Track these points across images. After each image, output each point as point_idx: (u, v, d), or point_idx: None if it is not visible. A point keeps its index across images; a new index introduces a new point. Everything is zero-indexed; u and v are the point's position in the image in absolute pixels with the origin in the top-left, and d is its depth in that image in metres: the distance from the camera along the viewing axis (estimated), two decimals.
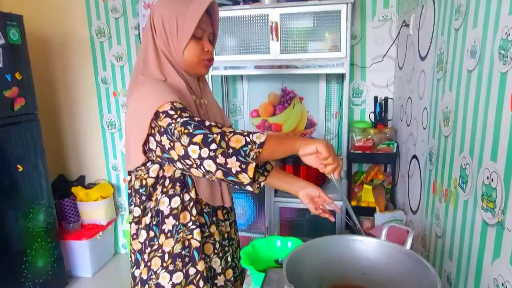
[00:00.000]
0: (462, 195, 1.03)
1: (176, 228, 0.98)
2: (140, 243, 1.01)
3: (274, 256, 1.29)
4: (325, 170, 0.90)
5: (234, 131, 0.83)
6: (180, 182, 0.97)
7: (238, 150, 0.80)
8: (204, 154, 0.80)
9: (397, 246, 0.92)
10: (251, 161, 0.81)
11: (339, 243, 0.98)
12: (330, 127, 2.41)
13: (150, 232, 0.99)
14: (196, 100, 1.03)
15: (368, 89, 2.29)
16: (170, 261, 0.98)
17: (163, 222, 0.98)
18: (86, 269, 2.66)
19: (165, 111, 0.87)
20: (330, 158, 0.86)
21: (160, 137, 0.87)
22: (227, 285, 1.10)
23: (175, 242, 0.98)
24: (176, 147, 0.83)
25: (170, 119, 0.85)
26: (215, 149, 0.80)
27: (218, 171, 0.81)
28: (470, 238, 0.97)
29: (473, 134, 0.96)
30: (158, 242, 0.99)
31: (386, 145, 1.98)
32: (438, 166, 1.26)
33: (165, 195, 0.98)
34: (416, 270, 0.84)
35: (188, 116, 0.85)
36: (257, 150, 0.81)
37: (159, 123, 0.86)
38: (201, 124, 0.83)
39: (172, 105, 0.87)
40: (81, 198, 2.66)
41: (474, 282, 0.94)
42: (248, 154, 0.81)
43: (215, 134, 0.81)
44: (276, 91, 2.42)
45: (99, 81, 2.74)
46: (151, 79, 0.97)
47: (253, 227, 2.25)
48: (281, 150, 0.88)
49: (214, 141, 0.80)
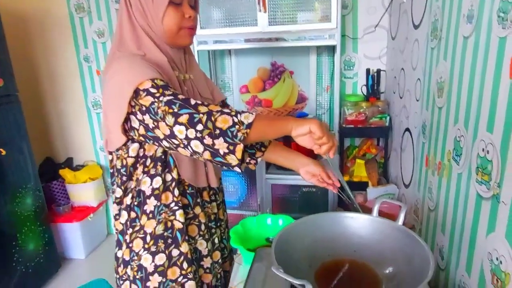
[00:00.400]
0: (455, 168, 1.00)
1: (157, 209, 0.95)
2: (122, 224, 0.99)
3: (265, 235, 1.27)
4: (320, 150, 0.86)
5: (222, 111, 0.79)
6: (161, 161, 0.93)
7: (225, 131, 0.77)
8: (190, 135, 0.77)
9: (389, 222, 0.89)
10: (238, 143, 0.77)
11: (330, 221, 0.95)
12: (321, 102, 2.36)
13: (131, 213, 0.96)
14: (180, 75, 0.97)
15: (360, 61, 2.22)
16: (152, 243, 0.95)
17: (145, 202, 0.95)
18: (79, 251, 2.65)
19: (146, 89, 0.82)
20: (324, 138, 0.83)
21: (143, 116, 0.82)
22: (214, 267, 1.08)
23: (157, 223, 0.95)
24: (161, 127, 0.80)
25: (152, 97, 0.81)
26: (201, 129, 0.77)
27: (205, 151, 0.78)
28: (463, 211, 0.95)
29: (468, 105, 0.92)
30: (139, 223, 0.96)
31: (378, 118, 1.94)
32: (431, 138, 1.23)
33: (147, 175, 0.94)
34: (409, 246, 0.82)
35: (171, 94, 0.81)
36: (245, 131, 0.78)
37: (140, 102, 0.82)
38: (186, 103, 0.79)
39: (153, 83, 0.82)
40: (69, 180, 2.62)
41: (467, 256, 0.92)
42: (236, 135, 0.77)
43: (202, 113, 0.78)
44: (265, 65, 2.34)
45: (81, 59, 2.64)
46: (128, 54, 0.90)
47: (245, 205, 2.23)
48: (272, 131, 0.84)
49: (200, 122, 0.77)
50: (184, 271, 0.97)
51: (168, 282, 0.96)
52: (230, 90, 2.45)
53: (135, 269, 0.96)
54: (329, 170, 1.11)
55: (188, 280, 0.98)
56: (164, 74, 0.89)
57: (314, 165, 1.10)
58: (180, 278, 0.97)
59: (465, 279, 0.93)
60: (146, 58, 0.90)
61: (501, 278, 0.74)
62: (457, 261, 0.99)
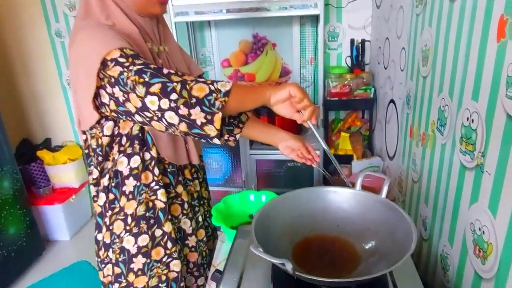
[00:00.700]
0: (439, 138, 0.98)
1: (137, 189, 0.91)
2: (100, 206, 0.95)
3: (249, 211, 1.25)
4: (302, 117, 0.82)
5: (196, 80, 0.74)
6: (138, 140, 0.88)
7: (201, 100, 0.72)
8: (164, 105, 0.72)
9: (372, 195, 0.87)
10: (217, 111, 0.73)
11: (313, 196, 0.93)
12: (305, 74, 2.30)
13: (110, 194, 0.92)
14: (154, 47, 0.90)
15: (345, 31, 2.16)
16: (133, 224, 0.92)
17: (123, 183, 0.91)
18: (63, 233, 2.61)
19: (114, 58, 0.76)
20: (305, 100, 0.79)
21: (112, 89, 0.77)
22: (199, 245, 1.06)
23: (137, 204, 0.91)
24: (131, 99, 0.74)
25: (121, 67, 0.75)
26: (176, 99, 0.71)
27: (181, 123, 0.74)
28: (447, 182, 0.93)
29: (454, 73, 0.88)
30: (119, 205, 0.92)
31: (363, 90, 1.91)
32: (415, 109, 1.20)
33: (123, 154, 0.89)
34: (392, 219, 0.80)
35: (142, 64, 0.75)
36: (223, 99, 0.73)
37: (108, 73, 0.76)
38: (158, 72, 0.74)
39: (122, 52, 0.76)
40: (48, 162, 2.53)
41: (450, 226, 0.91)
42: (213, 104, 0.72)
43: (175, 82, 0.73)
44: (247, 37, 2.26)
45: (53, 35, 2.49)
46: (95, 24, 0.83)
47: (230, 182, 2.20)
48: (250, 100, 0.80)
49: (174, 90, 0.72)
50: (169, 251, 0.95)
51: (152, 262, 0.94)
52: (211, 64, 2.37)
53: (117, 252, 0.93)
54: (309, 145, 1.08)
55: (173, 259, 0.96)
56: (135, 45, 0.83)
57: (293, 140, 1.07)
58: (165, 258, 0.95)
59: (447, 249, 0.93)
60: (115, 29, 0.83)
61: (484, 248, 0.73)
62: (440, 231, 0.98)
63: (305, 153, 1.07)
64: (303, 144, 1.08)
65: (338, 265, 0.79)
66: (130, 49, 0.78)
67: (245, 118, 1.12)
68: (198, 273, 1.07)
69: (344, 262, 0.79)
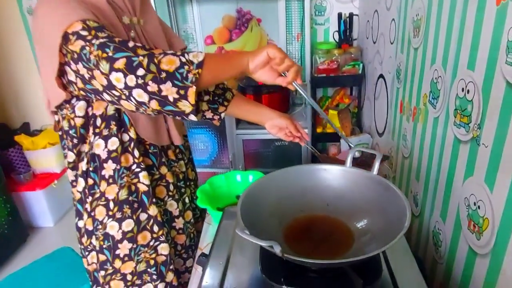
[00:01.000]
0: (432, 112, 0.94)
1: (118, 172, 0.86)
2: (79, 192, 0.90)
3: (235, 192, 1.21)
4: (286, 79, 0.77)
5: (165, 52, 0.68)
6: (115, 120, 0.82)
7: (172, 73, 0.66)
8: (130, 83, 0.65)
9: (362, 172, 0.83)
10: (190, 85, 0.67)
11: (301, 174, 0.88)
12: (292, 51, 2.23)
13: (89, 179, 0.87)
14: (125, 19, 0.83)
15: (332, 5, 2.08)
16: (116, 209, 0.88)
17: (102, 167, 0.85)
18: (47, 219, 2.54)
19: (76, 31, 0.69)
20: (286, 59, 0.74)
21: (76, 66, 0.70)
22: (187, 227, 1.03)
23: (119, 188, 0.86)
24: (96, 76, 0.68)
25: (83, 41, 0.68)
26: (143, 74, 0.65)
27: (152, 100, 0.67)
28: (439, 157, 0.90)
29: (448, 41, 0.84)
30: (99, 190, 0.87)
31: (351, 66, 1.86)
32: (406, 83, 1.16)
33: (99, 136, 0.83)
34: (383, 196, 0.76)
35: (106, 37, 0.68)
36: (196, 71, 0.67)
37: (70, 48, 0.69)
38: (123, 46, 0.67)
39: (84, 24, 0.69)
40: (27, 146, 2.43)
41: (443, 201, 0.89)
42: (186, 77, 0.66)
43: (141, 56, 0.66)
44: (231, 13, 2.17)
45: (25, 12, 2.35)
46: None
47: (217, 162, 2.16)
48: (227, 69, 0.74)
49: (140, 65, 0.65)
50: (156, 234, 0.92)
51: (139, 247, 0.91)
52: (194, 42, 2.27)
53: (101, 239, 0.89)
54: (297, 122, 1.03)
55: (161, 243, 0.93)
56: (102, 17, 0.76)
57: (280, 118, 1.02)
58: (152, 241, 0.92)
59: (439, 225, 0.91)
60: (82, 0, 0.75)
61: (479, 223, 0.71)
62: (432, 207, 0.96)
63: (293, 131, 1.03)
64: (291, 121, 1.03)
65: (331, 246, 0.75)
66: (93, 21, 0.71)
67: (230, 96, 1.07)
68: (186, 255, 1.04)
69: (337, 243, 0.76)
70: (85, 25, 0.69)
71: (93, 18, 0.71)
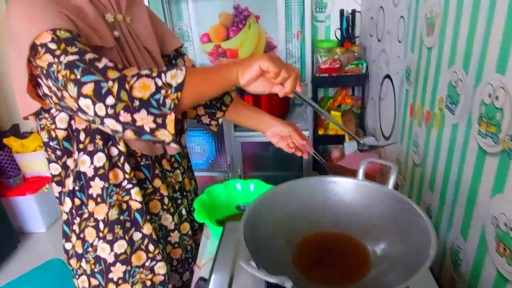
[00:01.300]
0: (450, 118, 0.86)
1: (106, 191, 0.78)
2: (66, 213, 0.82)
3: (235, 202, 1.13)
4: (284, 90, 0.69)
5: (139, 74, 0.60)
6: (101, 134, 0.75)
7: (147, 101, 0.58)
8: (100, 112, 0.59)
9: (377, 186, 0.75)
10: (168, 112, 0.59)
11: (309, 188, 0.80)
12: (291, 49, 2.15)
13: (75, 199, 0.79)
14: (108, 16, 0.74)
15: (333, 1, 2.00)
16: (107, 230, 0.80)
17: (88, 185, 0.78)
18: (38, 224, 2.45)
19: (44, 43, 0.62)
20: (282, 72, 0.65)
21: (47, 81, 0.64)
22: (183, 240, 0.96)
23: (108, 208, 0.79)
24: (66, 97, 0.62)
25: (52, 56, 0.61)
26: (113, 104, 0.58)
27: (126, 130, 0.61)
28: (459, 168, 0.83)
29: (470, 41, 0.76)
30: (87, 210, 0.80)
31: (354, 65, 1.78)
32: (417, 85, 1.08)
33: (83, 152, 0.76)
34: (402, 215, 0.68)
35: (76, 53, 0.61)
36: (175, 95, 0.59)
37: (38, 63, 0.62)
38: (92, 67, 0.59)
39: (54, 35, 0.62)
40: (16, 149, 2.34)
41: (464, 217, 0.81)
42: (163, 103, 0.59)
43: (111, 81, 0.58)
44: (227, 10, 2.08)
45: None
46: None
47: (215, 166, 2.08)
48: (212, 87, 0.65)
49: (110, 93, 0.58)
50: (151, 254, 0.84)
51: (134, 269, 0.83)
52: (189, 40, 2.18)
53: (92, 262, 0.82)
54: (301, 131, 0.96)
55: (158, 262, 0.86)
56: (79, 18, 0.67)
57: (282, 125, 0.95)
58: (148, 262, 0.85)
59: (459, 242, 0.83)
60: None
61: (510, 247, 0.63)
62: (450, 221, 0.88)
63: (297, 139, 0.95)
64: (294, 129, 0.95)
65: (346, 270, 0.68)
66: (65, 30, 0.63)
67: (229, 100, 0.99)
68: (182, 269, 0.97)
69: (353, 266, 0.68)
70: (55, 36, 0.61)
71: (65, 25, 0.63)
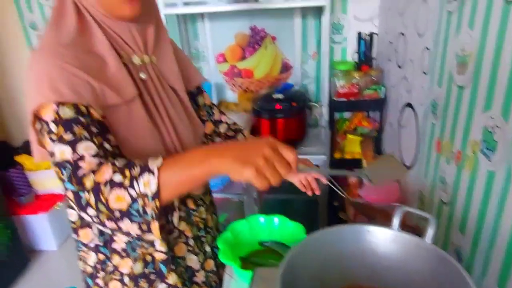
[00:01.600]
0: (485, 164, 0.84)
1: (130, 245, 0.77)
2: (90, 266, 0.81)
3: (258, 237, 1.10)
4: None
5: (112, 181, 0.57)
6: None
7: (127, 212, 0.57)
8: (87, 217, 0.59)
9: (414, 239, 0.72)
10: (151, 220, 0.58)
11: (342, 236, 0.78)
12: (307, 70, 2.14)
13: (99, 254, 0.78)
14: (136, 59, 0.73)
15: (350, 23, 1.99)
16: (132, 284, 0.79)
17: (112, 240, 0.77)
18: (49, 242, 2.43)
19: (46, 121, 0.62)
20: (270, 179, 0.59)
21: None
22: (208, 277, 0.93)
23: (133, 262, 0.77)
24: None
25: (50, 141, 0.61)
26: (95, 215, 0.58)
27: (117, 232, 0.62)
28: (496, 216, 0.80)
29: (510, 88, 0.74)
30: (112, 264, 0.78)
31: (372, 90, 1.76)
32: (445, 121, 1.06)
33: None
34: (443, 274, 0.66)
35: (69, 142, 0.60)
36: (153, 204, 0.57)
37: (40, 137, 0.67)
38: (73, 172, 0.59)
39: (57, 114, 0.61)
40: (29, 167, 2.33)
41: (501, 267, 0.78)
42: (144, 212, 0.58)
43: (86, 192, 0.58)
44: (244, 30, 2.07)
45: (27, 27, 2.26)
46: (49, 46, 0.65)
47: (229, 187, 2.05)
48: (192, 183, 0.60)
49: (89, 204, 0.58)
50: None
51: None
52: (205, 60, 2.18)
53: None
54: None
55: None
56: (98, 72, 0.66)
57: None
58: None
59: None
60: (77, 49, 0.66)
61: None
62: (484, 269, 0.85)
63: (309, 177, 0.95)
64: (308, 164, 0.94)
65: None
66: (70, 105, 0.61)
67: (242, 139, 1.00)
68: None
69: None
70: (57, 116, 0.61)
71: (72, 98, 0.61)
